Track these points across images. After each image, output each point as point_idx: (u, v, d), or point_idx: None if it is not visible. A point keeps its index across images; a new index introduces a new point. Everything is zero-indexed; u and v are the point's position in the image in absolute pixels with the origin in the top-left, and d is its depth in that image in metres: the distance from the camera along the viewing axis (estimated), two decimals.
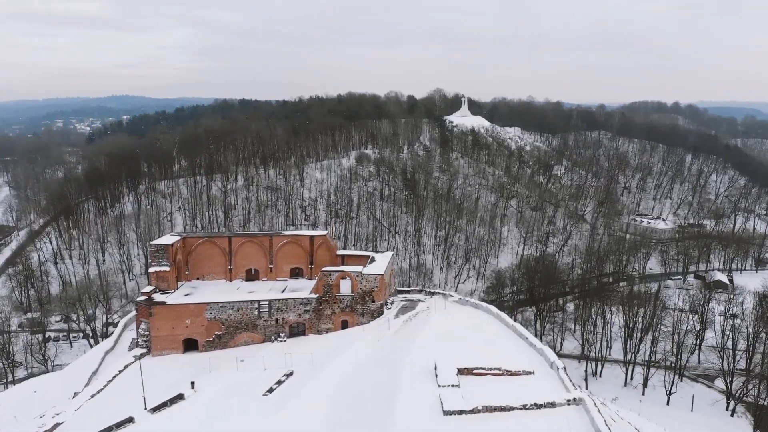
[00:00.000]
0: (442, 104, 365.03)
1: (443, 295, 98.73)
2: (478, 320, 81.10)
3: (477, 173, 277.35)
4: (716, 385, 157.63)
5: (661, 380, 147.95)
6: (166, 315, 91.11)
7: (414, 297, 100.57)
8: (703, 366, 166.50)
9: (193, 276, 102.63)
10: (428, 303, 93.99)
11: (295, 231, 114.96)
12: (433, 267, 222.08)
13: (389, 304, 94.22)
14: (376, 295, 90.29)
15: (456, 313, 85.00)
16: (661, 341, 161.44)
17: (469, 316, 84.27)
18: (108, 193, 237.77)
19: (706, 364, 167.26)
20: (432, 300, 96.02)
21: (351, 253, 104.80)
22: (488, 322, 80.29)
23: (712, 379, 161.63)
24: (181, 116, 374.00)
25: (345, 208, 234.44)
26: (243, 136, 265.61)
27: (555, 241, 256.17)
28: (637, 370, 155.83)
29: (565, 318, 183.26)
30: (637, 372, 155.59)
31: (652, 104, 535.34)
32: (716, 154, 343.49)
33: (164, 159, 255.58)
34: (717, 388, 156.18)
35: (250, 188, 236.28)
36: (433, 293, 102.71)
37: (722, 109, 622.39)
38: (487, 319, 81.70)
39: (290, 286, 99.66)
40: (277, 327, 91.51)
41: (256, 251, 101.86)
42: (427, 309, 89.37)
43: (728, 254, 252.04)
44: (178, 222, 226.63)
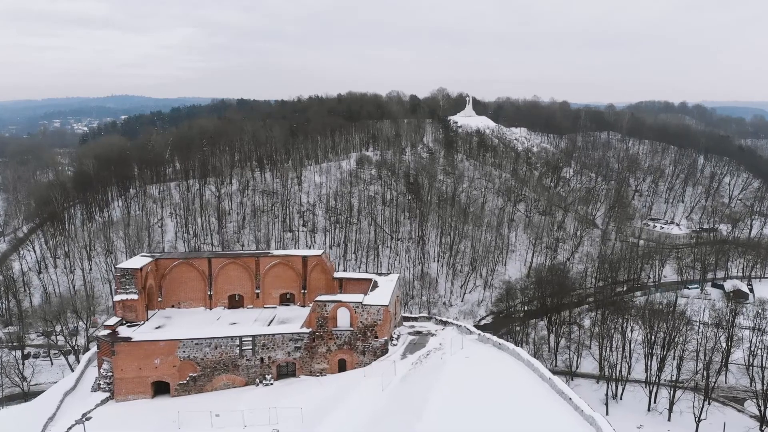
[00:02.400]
0: (446, 104, 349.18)
1: (458, 328, 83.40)
2: (504, 369, 65.56)
3: (483, 176, 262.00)
4: (747, 408, 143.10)
5: (687, 404, 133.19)
6: (132, 353, 76.10)
7: (423, 328, 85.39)
8: (730, 386, 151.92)
9: (167, 303, 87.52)
10: (441, 337, 79.01)
11: (286, 251, 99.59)
12: (438, 276, 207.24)
13: (395, 339, 79.07)
14: (379, 330, 75.21)
15: (476, 357, 69.53)
16: (686, 359, 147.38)
17: (493, 360, 68.76)
18: (96, 198, 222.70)
19: (733, 384, 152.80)
20: (445, 333, 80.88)
21: (350, 276, 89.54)
22: (518, 372, 64.64)
23: (742, 401, 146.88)
24: (177, 116, 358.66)
25: (345, 213, 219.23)
26: (239, 137, 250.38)
27: (565, 248, 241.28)
28: (662, 392, 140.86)
29: (581, 334, 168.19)
30: (662, 394, 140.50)
31: (659, 104, 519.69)
32: (729, 156, 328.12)
33: (156, 161, 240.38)
34: (748, 412, 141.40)
35: (246, 192, 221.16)
36: (446, 323, 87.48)
37: (727, 109, 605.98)
38: (516, 367, 66.05)
39: (279, 315, 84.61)
40: (263, 368, 76.40)
41: (240, 274, 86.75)
42: (440, 347, 74.31)
43: (747, 261, 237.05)
44: (169, 228, 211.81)
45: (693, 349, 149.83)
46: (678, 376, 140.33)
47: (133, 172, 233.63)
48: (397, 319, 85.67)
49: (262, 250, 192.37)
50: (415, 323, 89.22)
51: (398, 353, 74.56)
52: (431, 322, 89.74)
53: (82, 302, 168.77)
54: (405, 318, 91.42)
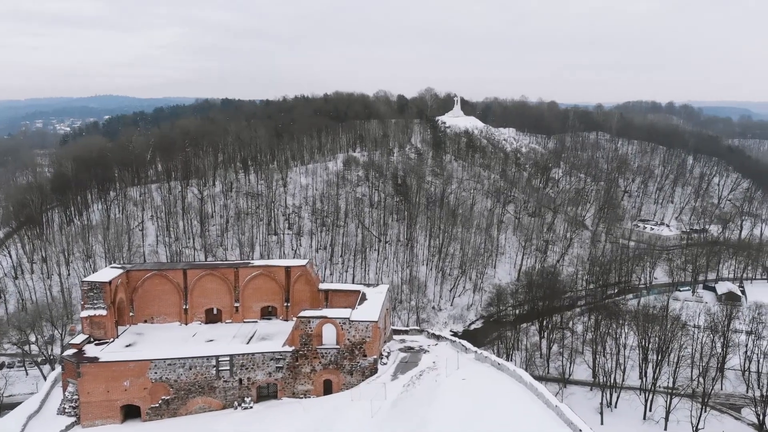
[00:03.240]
0: (434, 104, 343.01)
1: (452, 343, 77.50)
2: (506, 393, 59.50)
3: (471, 177, 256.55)
4: (744, 416, 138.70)
5: (684, 413, 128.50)
6: (99, 375, 69.49)
7: (414, 343, 79.39)
8: (725, 392, 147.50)
9: (139, 318, 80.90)
10: (434, 354, 73.06)
11: (267, 261, 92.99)
12: (426, 280, 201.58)
13: (384, 356, 72.97)
14: (368, 347, 69.09)
15: (474, 379, 63.50)
16: (682, 366, 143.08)
17: (493, 382, 62.69)
18: (75, 201, 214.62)
19: (729, 390, 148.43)
20: (438, 350, 74.92)
21: (337, 288, 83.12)
22: (521, 397, 58.60)
23: (739, 409, 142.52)
24: (160, 117, 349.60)
25: (332, 215, 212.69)
26: (222, 137, 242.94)
27: (555, 250, 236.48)
28: (658, 400, 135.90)
29: (574, 339, 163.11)
30: (658, 402, 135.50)
31: (647, 104, 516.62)
32: (718, 156, 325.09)
33: (137, 163, 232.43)
34: (746, 419, 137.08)
35: (229, 194, 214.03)
36: (439, 337, 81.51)
37: (714, 109, 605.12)
38: (518, 392, 59.99)
39: (260, 330, 78.28)
40: (242, 389, 70.04)
41: (218, 286, 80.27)
42: (434, 366, 68.42)
43: (738, 263, 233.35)
44: (150, 232, 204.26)
45: (689, 355, 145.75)
46: (674, 383, 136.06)
47: (114, 173, 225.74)
48: (387, 333, 79.66)
49: (243, 259, 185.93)
50: (406, 337, 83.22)
51: (388, 373, 68.50)
52: (423, 335, 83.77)
53: (58, 310, 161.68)
54: (395, 331, 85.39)
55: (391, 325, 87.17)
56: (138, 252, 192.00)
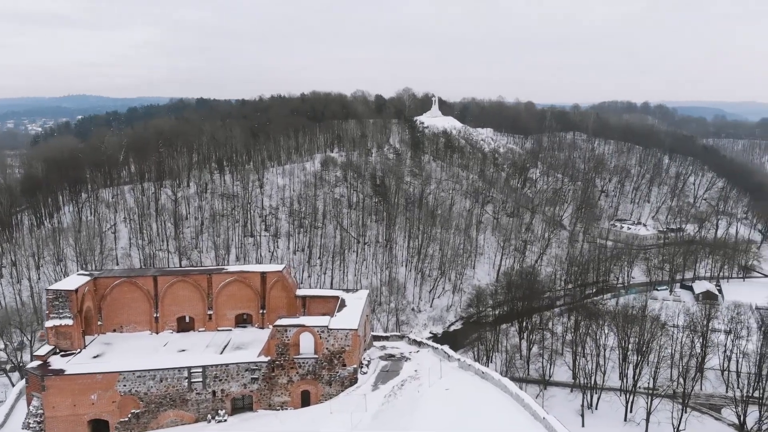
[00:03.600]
0: (412, 104, 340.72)
1: (434, 350, 75.07)
2: (491, 404, 57.17)
3: (450, 177, 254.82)
4: (725, 416, 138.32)
5: (665, 414, 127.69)
6: (65, 388, 65.93)
7: (395, 349, 76.84)
8: (706, 393, 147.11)
9: (107, 327, 77.26)
10: (415, 362, 70.59)
11: (242, 266, 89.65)
12: (406, 281, 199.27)
13: (364, 365, 70.25)
14: (347, 357, 66.37)
15: (457, 389, 61.06)
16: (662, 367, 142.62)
17: (477, 392, 60.38)
18: (45, 203, 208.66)
19: (710, 390, 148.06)
20: (420, 357, 72.44)
21: (315, 294, 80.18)
22: (506, 408, 56.25)
23: (719, 409, 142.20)
24: (134, 117, 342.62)
25: (309, 217, 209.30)
26: (197, 138, 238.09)
27: (534, 250, 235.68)
28: (639, 401, 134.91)
29: (554, 341, 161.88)
30: (639, 403, 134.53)
31: (622, 104, 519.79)
32: (693, 156, 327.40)
33: (110, 164, 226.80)
34: (726, 420, 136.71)
35: (204, 196, 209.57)
36: (420, 344, 79.01)
37: (688, 109, 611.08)
38: (503, 402, 57.75)
39: (235, 339, 75.12)
40: (215, 402, 66.87)
41: (190, 294, 76.96)
42: (416, 375, 65.89)
43: (714, 262, 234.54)
44: (123, 234, 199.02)
45: (668, 355, 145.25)
46: (654, 383, 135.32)
47: (85, 175, 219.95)
48: (367, 340, 76.99)
49: (219, 262, 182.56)
50: (387, 343, 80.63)
51: (369, 383, 65.84)
52: (404, 341, 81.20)
53: (28, 316, 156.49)
54: (375, 337, 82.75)
55: (371, 331, 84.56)
56: (110, 255, 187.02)
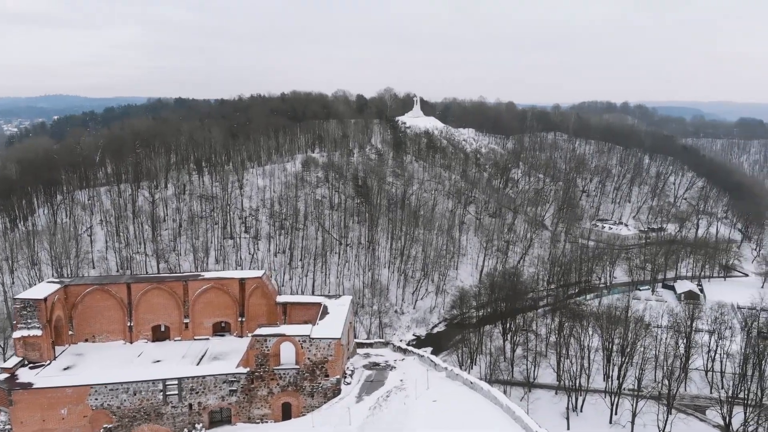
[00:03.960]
0: (393, 104, 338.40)
1: (419, 358, 72.44)
2: (481, 418, 54.75)
3: (432, 178, 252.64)
4: (710, 418, 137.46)
5: (651, 417, 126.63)
6: (33, 403, 62.41)
7: (380, 357, 74.13)
8: (691, 394, 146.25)
9: (79, 337, 73.67)
10: (401, 371, 67.96)
11: (219, 273, 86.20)
12: (388, 283, 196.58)
13: (348, 375, 67.47)
14: (330, 367, 63.52)
15: (445, 400, 58.45)
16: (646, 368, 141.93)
17: (466, 403, 57.77)
18: (20, 205, 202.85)
19: (694, 391, 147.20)
20: (405, 366, 69.81)
21: (296, 300, 77.18)
22: (497, 421, 53.88)
23: (703, 410, 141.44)
24: (110, 117, 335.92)
25: (290, 218, 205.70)
26: (175, 138, 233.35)
27: (516, 250, 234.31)
28: (624, 403, 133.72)
29: (538, 342, 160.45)
30: (624, 405, 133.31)
31: (602, 104, 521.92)
32: (673, 156, 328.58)
33: (86, 165, 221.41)
34: (711, 421, 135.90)
35: (182, 197, 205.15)
36: (405, 351, 76.36)
37: (666, 109, 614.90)
38: (494, 415, 55.31)
39: (212, 348, 71.95)
40: (192, 415, 63.67)
41: (165, 301, 73.63)
42: (402, 386, 63.17)
43: (696, 261, 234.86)
44: (99, 237, 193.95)
45: (653, 356, 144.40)
46: (639, 385, 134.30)
47: (60, 176, 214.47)
48: (351, 348, 74.17)
49: (197, 265, 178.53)
50: (371, 350, 77.85)
51: (353, 394, 63.01)
52: (389, 348, 78.49)
53: (2, 321, 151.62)
54: (359, 344, 79.91)
55: (355, 337, 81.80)
56: (86, 258, 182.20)
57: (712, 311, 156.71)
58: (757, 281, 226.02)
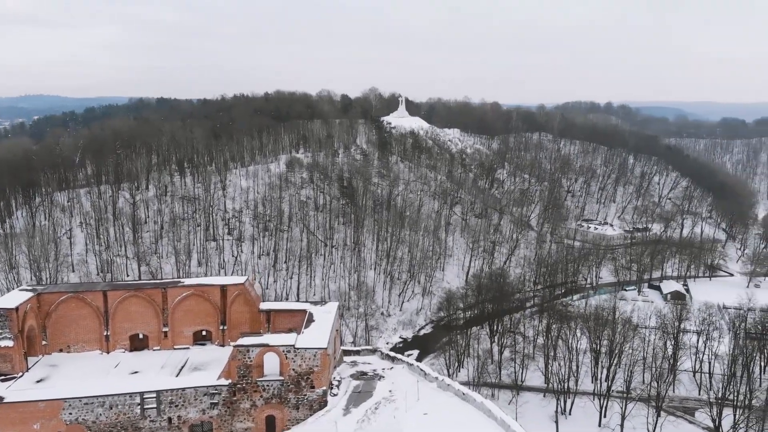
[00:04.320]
0: (378, 104, 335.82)
1: (409, 367, 69.89)
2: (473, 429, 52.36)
3: (418, 178, 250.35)
4: (699, 420, 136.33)
5: (641, 420, 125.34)
6: (4, 418, 59.04)
7: (367, 365, 71.48)
8: (680, 396, 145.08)
9: (53, 347, 70.28)
10: (390, 380, 65.35)
11: (200, 279, 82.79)
12: (375, 285, 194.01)
13: (335, 386, 64.71)
14: (316, 378, 60.79)
15: (437, 413, 55.81)
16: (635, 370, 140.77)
17: (458, 415, 55.15)
18: None
19: (683, 393, 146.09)
20: (394, 375, 67.19)
21: (280, 308, 74.19)
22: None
23: (692, 412, 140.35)
24: (91, 117, 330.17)
25: (274, 220, 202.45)
26: (156, 138, 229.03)
27: (502, 251, 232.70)
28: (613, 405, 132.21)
29: (526, 344, 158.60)
30: (614, 409, 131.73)
31: (586, 104, 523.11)
32: (657, 155, 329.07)
33: (65, 166, 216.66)
34: (700, 423, 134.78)
35: (164, 199, 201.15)
36: (393, 359, 73.76)
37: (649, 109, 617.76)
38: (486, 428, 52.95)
39: (193, 358, 68.92)
40: (171, 430, 60.54)
41: (143, 309, 70.43)
42: (391, 397, 60.55)
43: (681, 261, 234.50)
44: (78, 240, 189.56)
45: (641, 358, 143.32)
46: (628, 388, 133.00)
47: (39, 178, 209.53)
48: (337, 357, 71.44)
49: (179, 267, 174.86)
50: (358, 358, 75.17)
51: (340, 406, 60.29)
52: (376, 356, 75.84)
53: None
54: (345, 352, 77.23)
55: (341, 344, 79.07)
56: (66, 262, 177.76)
57: (699, 312, 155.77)
58: (743, 281, 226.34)
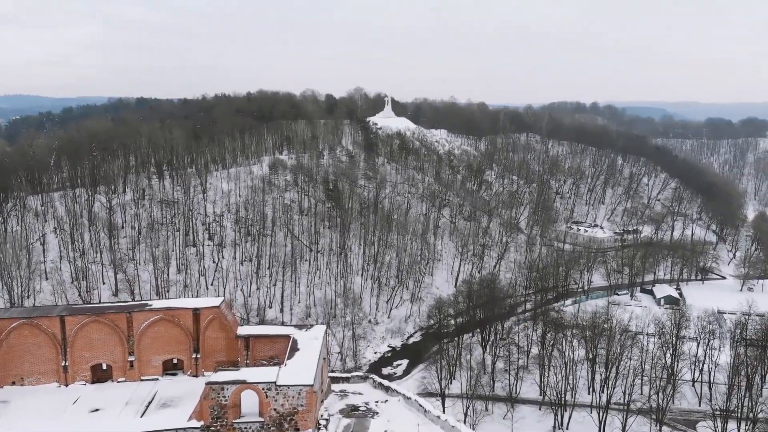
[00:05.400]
0: (364, 104, 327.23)
1: (405, 401, 62.09)
2: None
3: (405, 180, 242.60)
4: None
5: None
6: None
7: (359, 398, 63.56)
8: (681, 408, 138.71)
9: (5, 380, 61.65)
10: (385, 417, 57.60)
11: (170, 302, 73.60)
12: (362, 291, 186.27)
13: (322, 426, 56.76)
14: (301, 419, 52.75)
15: None
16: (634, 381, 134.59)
17: None
18: None
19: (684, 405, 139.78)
20: (390, 411, 59.44)
21: (260, 333, 65.86)
22: None
23: (693, 424, 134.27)
24: (69, 117, 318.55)
25: (257, 224, 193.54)
26: (135, 139, 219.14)
27: (492, 255, 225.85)
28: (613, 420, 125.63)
29: (520, 354, 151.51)
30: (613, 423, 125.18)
31: (572, 104, 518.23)
32: (646, 156, 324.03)
33: (39, 169, 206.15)
34: None
35: (141, 203, 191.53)
36: (388, 390, 65.92)
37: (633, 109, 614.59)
38: None
39: (163, 391, 60.61)
40: None
41: (106, 336, 62.00)
42: None
43: (674, 264, 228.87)
44: (52, 246, 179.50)
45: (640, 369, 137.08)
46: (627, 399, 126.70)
47: (11, 181, 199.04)
48: (325, 387, 63.45)
49: (157, 275, 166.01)
50: (347, 386, 67.31)
51: None
52: (368, 384, 68.02)
53: None
54: (333, 379, 69.27)
55: (329, 371, 71.12)
56: (38, 269, 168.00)
57: (699, 320, 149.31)
58: (735, 284, 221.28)
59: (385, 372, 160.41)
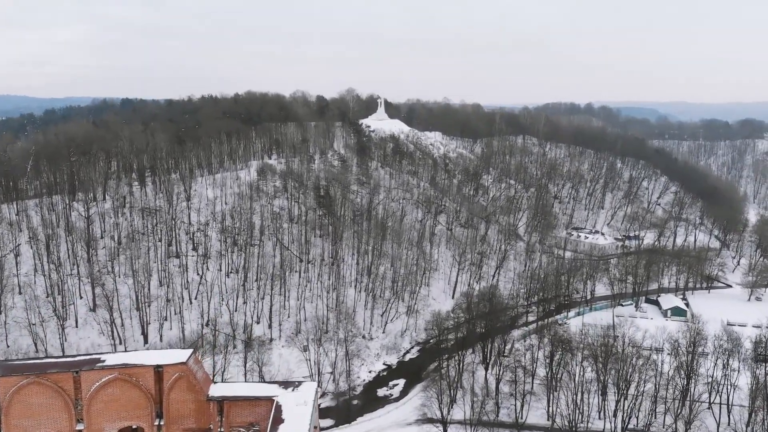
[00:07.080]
0: (356, 106, 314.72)
1: None
2: None
3: (400, 185, 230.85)
4: None
5: None
6: None
7: None
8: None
9: None
10: None
11: (127, 355, 59.80)
12: (355, 305, 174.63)
13: None
14: None
15: None
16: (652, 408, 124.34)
17: None
18: None
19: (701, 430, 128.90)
20: None
21: (237, 394, 53.61)
22: None
23: None
24: (51, 119, 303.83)
25: (245, 233, 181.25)
26: (116, 144, 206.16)
27: (490, 264, 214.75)
28: None
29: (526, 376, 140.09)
30: None
31: (566, 105, 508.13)
32: (644, 159, 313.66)
33: (15, 175, 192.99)
34: None
35: (121, 211, 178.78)
36: None
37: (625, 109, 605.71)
38: None
39: None
40: None
41: (48, 401, 49.51)
42: None
43: (678, 272, 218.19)
44: (26, 258, 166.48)
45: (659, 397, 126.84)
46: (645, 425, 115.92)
47: None
48: None
49: (137, 289, 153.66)
50: None
51: None
52: None
53: None
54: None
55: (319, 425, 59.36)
56: (10, 284, 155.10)
57: (717, 339, 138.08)
58: (742, 293, 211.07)
59: (380, 394, 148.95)
